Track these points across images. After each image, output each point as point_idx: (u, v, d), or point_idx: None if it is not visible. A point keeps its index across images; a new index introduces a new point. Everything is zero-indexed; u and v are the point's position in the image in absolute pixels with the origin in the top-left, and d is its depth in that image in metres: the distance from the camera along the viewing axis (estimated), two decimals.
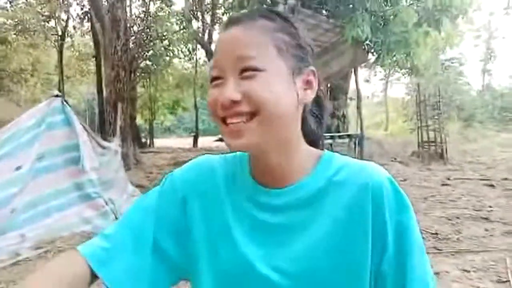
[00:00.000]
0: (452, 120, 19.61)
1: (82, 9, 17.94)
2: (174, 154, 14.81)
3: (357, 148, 10.74)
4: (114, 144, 6.16)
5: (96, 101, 19.01)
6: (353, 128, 13.93)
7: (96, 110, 19.75)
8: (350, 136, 11.40)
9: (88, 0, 13.31)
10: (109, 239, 0.66)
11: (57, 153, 4.69)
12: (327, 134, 10.11)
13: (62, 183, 4.60)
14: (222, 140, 0.63)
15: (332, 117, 12.47)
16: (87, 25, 18.29)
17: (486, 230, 4.47)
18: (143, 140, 21.11)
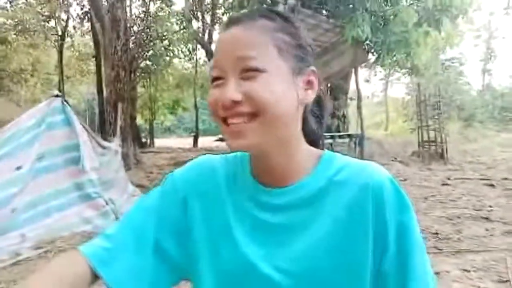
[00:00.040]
0: (452, 120, 19.60)
1: (82, 9, 17.96)
2: (174, 154, 14.80)
3: (357, 148, 10.73)
4: (114, 144, 6.17)
5: (96, 101, 19.01)
6: (353, 128, 13.91)
7: (96, 110, 19.78)
8: (350, 136, 11.39)
9: (88, 0, 13.30)
10: (110, 239, 0.66)
11: (57, 153, 4.69)
12: (327, 134, 10.10)
13: (62, 183, 4.60)
14: (222, 140, 0.63)
15: (332, 117, 12.47)
16: (87, 25, 18.29)
17: (486, 229, 4.46)
18: (143, 140, 21.06)
